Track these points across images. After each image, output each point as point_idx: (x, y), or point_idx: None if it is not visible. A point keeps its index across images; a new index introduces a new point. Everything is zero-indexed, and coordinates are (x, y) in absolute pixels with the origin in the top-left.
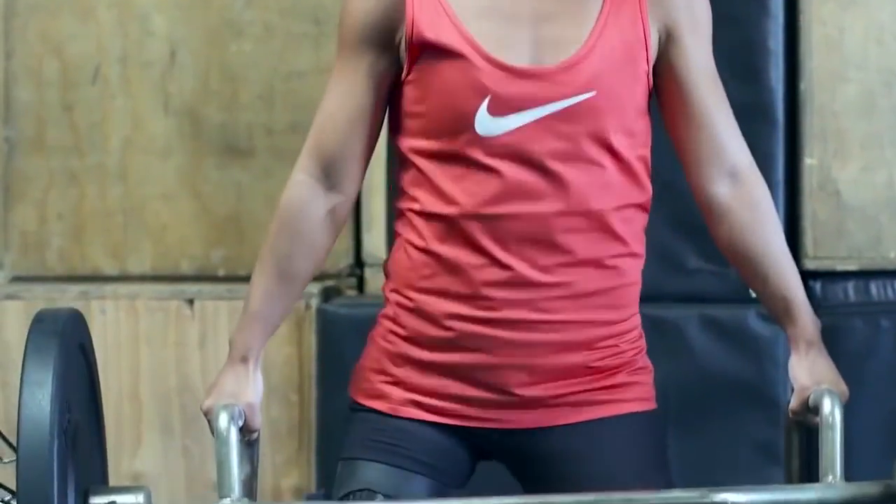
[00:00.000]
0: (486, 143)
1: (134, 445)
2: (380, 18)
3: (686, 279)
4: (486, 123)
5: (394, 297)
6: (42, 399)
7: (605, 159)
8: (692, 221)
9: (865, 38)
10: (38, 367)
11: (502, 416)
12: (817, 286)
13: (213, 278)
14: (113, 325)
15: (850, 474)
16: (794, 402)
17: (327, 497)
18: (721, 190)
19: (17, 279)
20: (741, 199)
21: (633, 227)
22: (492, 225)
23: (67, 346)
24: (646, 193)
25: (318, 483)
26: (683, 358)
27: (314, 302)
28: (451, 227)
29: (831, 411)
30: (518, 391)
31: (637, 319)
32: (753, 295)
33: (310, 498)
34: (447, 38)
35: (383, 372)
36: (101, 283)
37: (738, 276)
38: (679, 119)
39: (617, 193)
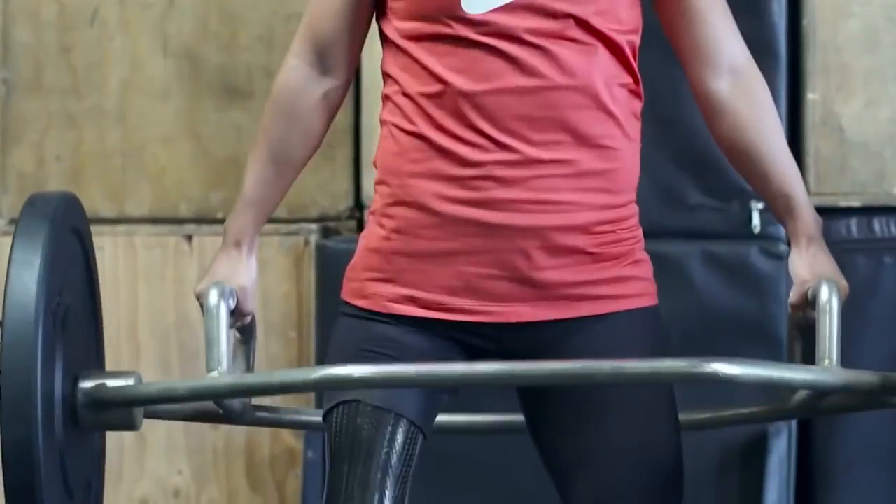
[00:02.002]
0: (474, 21)
1: None
2: None
3: (687, 215)
4: (473, 1)
5: (382, 188)
6: (29, 280)
7: (593, 39)
8: (694, 157)
9: None
10: (27, 249)
11: (501, 309)
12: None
13: (212, 220)
14: (111, 262)
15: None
16: (793, 296)
17: (325, 435)
18: (720, 86)
19: (15, 222)
20: (741, 96)
21: (625, 109)
22: (483, 101)
23: (59, 228)
24: (635, 80)
25: None
26: (685, 294)
27: (313, 238)
28: (441, 107)
29: (828, 299)
30: (515, 276)
31: (634, 208)
32: (757, 197)
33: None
34: None
35: (374, 269)
36: (98, 225)
37: (739, 210)
38: (675, 16)
39: (606, 71)
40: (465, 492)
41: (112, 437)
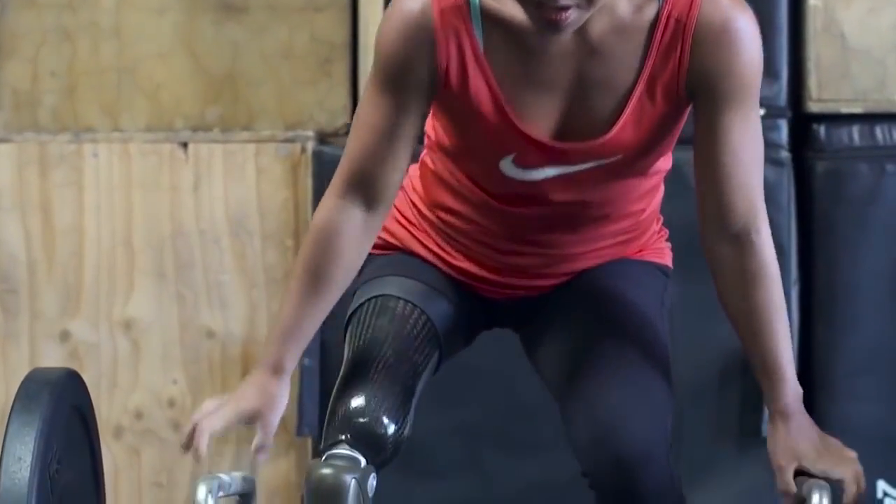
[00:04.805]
0: (511, 175)
1: (127, 292)
2: (410, 64)
3: (689, 121)
4: (511, 169)
5: (417, 184)
6: (23, 452)
7: (630, 181)
8: None
9: None
10: (22, 422)
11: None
12: (821, 130)
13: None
14: (105, 169)
15: (852, 318)
16: (778, 485)
17: (322, 343)
18: (722, 249)
19: (12, 132)
20: (740, 263)
21: (656, 194)
22: (510, 213)
23: (57, 407)
24: (668, 164)
25: None
26: (686, 201)
27: (310, 145)
28: (469, 202)
29: None
30: (538, 281)
31: (657, 213)
32: None
33: None
34: (476, 99)
35: (406, 219)
36: (93, 133)
37: None
38: (697, 163)
39: (641, 193)
40: (466, 402)
41: (106, 347)
